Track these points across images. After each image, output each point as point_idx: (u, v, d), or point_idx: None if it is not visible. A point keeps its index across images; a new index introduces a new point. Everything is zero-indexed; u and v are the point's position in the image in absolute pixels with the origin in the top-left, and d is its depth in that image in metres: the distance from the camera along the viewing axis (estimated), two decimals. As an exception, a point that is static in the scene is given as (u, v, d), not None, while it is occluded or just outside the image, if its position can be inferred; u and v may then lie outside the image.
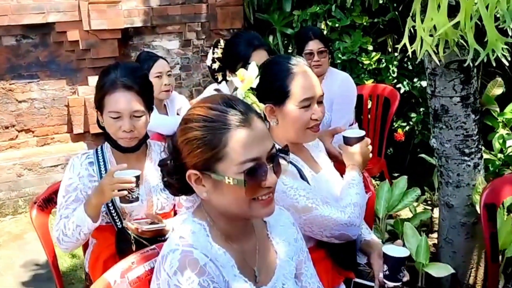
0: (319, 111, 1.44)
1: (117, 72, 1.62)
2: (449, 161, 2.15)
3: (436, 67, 2.01)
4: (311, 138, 1.49)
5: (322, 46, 2.80)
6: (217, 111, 0.99)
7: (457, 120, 2.05)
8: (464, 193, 2.17)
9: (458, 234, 2.25)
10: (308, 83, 1.44)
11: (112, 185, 1.48)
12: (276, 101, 1.44)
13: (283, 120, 1.45)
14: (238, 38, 2.20)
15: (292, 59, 1.48)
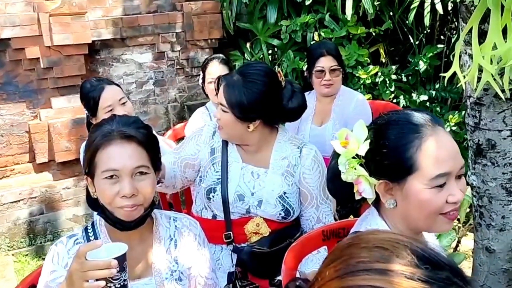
0: (459, 191, 1.00)
1: (112, 123, 1.22)
2: (492, 201, 1.86)
3: (483, 96, 1.72)
4: (446, 227, 1.04)
5: (336, 63, 2.47)
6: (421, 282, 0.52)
7: (505, 156, 1.77)
8: (509, 237, 1.89)
9: (499, 281, 1.98)
10: (443, 153, 1.00)
11: (84, 274, 1.02)
12: (394, 176, 1.03)
13: (404, 201, 1.02)
14: None
15: (420, 116, 1.03)
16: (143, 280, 1.24)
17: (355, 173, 1.06)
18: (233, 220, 1.62)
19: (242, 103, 1.53)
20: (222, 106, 1.58)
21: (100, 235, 1.25)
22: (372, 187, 1.07)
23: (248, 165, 1.63)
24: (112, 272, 1.02)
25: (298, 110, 1.60)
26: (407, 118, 1.04)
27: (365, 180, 1.06)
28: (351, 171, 1.06)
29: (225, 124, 1.59)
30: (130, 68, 3.84)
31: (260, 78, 1.53)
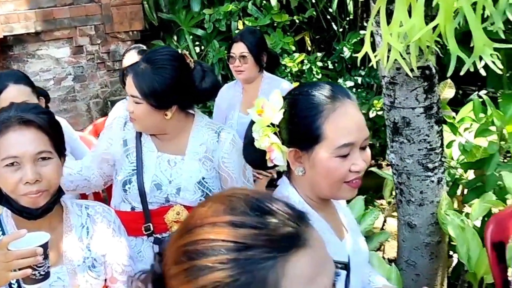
0: (362, 161, 1.04)
1: (10, 111, 1.16)
2: (411, 178, 1.91)
3: (396, 76, 1.75)
4: (349, 194, 1.08)
5: (246, 50, 2.45)
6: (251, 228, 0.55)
7: (420, 133, 1.82)
8: (428, 211, 1.95)
9: (422, 255, 2.04)
10: (349, 124, 1.03)
11: (8, 264, 1.03)
12: (303, 145, 1.06)
13: (311, 169, 1.05)
14: None
15: (330, 89, 1.06)
16: (54, 269, 1.18)
17: (268, 140, 1.07)
18: (152, 210, 1.57)
19: (156, 91, 1.47)
20: (134, 98, 1.51)
21: (6, 227, 1.19)
22: (283, 155, 1.08)
23: (164, 154, 1.58)
24: (38, 259, 1.04)
25: (212, 90, 1.57)
26: (318, 90, 1.06)
27: (277, 148, 1.08)
28: (264, 138, 1.07)
29: (140, 116, 1.53)
30: (47, 64, 3.63)
31: (169, 62, 1.47)
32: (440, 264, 2.06)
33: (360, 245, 1.17)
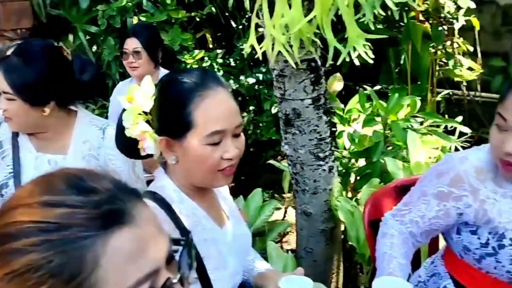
0: (234, 148, 1.04)
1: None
2: (304, 167, 1.97)
3: (284, 68, 1.79)
4: (223, 182, 1.08)
5: (139, 46, 2.40)
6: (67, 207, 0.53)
7: (310, 123, 1.88)
8: (321, 199, 2.02)
9: (318, 242, 2.11)
10: (219, 112, 1.02)
11: None
12: (174, 133, 1.04)
13: (184, 158, 1.04)
14: None
15: (201, 76, 1.05)
16: None
17: (138, 129, 1.05)
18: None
19: (29, 85, 1.37)
20: (6, 95, 1.40)
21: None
22: (156, 144, 1.07)
23: (44, 154, 1.48)
24: None
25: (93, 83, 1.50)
26: (189, 77, 1.05)
27: (149, 136, 1.06)
28: (135, 127, 1.05)
29: (14, 114, 1.42)
30: None
31: (42, 54, 1.39)
32: (335, 249, 2.15)
33: (241, 230, 1.18)
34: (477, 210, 1.14)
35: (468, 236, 1.17)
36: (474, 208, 1.14)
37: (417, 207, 1.23)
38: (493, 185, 1.14)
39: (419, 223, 1.22)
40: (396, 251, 1.21)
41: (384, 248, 1.23)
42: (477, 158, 1.17)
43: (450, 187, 1.16)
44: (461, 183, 1.15)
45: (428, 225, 1.21)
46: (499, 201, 1.13)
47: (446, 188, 1.17)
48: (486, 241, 1.13)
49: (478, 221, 1.14)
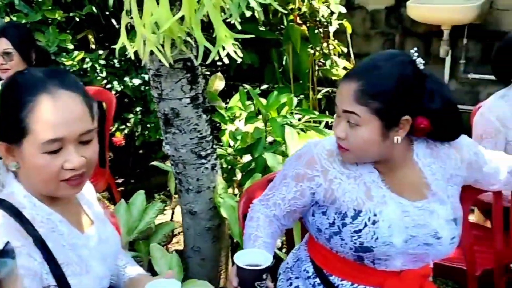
0: (78, 157, 0.96)
1: None
2: (186, 167, 1.98)
3: (160, 68, 1.79)
4: (68, 192, 1.01)
5: (10, 47, 2.26)
6: None
7: (189, 123, 1.89)
8: (205, 197, 2.05)
9: (205, 240, 2.14)
10: (57, 117, 0.94)
11: None
12: (11, 138, 0.97)
13: (24, 165, 0.98)
14: None
15: (42, 77, 0.97)
16: None
17: None
18: None
19: None
20: None
21: None
22: None
23: None
24: None
25: None
26: (29, 78, 0.99)
27: None
28: None
29: None
30: None
31: None
32: (222, 246, 2.19)
33: (108, 234, 1.16)
34: (326, 189, 1.23)
35: (320, 217, 1.26)
36: (324, 187, 1.23)
37: (279, 190, 1.30)
38: (340, 167, 1.24)
39: (280, 205, 1.29)
40: (262, 231, 1.27)
41: (250, 230, 1.29)
42: (330, 143, 1.25)
43: (306, 168, 1.24)
44: (314, 164, 1.23)
45: (288, 206, 1.28)
46: (344, 181, 1.22)
47: (302, 169, 1.25)
48: (333, 220, 1.22)
49: (326, 201, 1.23)
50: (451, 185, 1.28)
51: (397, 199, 1.22)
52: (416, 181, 1.25)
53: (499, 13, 3.33)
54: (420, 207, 1.22)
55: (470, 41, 3.47)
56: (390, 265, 1.22)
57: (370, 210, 1.20)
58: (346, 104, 1.15)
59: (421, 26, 3.61)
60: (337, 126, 1.19)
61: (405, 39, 3.78)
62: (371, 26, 3.87)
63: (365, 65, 1.19)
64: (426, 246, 1.21)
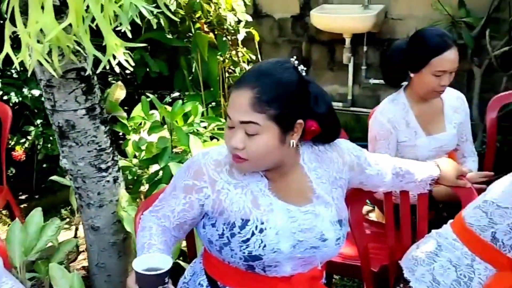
0: None
1: None
2: (86, 181, 1.91)
3: (51, 78, 1.71)
4: None
5: None
6: None
7: (87, 135, 1.82)
8: (108, 211, 1.98)
9: (110, 256, 2.07)
10: None
11: None
12: None
13: None
14: None
15: None
16: None
17: None
18: None
19: None
20: None
21: None
22: None
23: None
24: None
25: None
26: None
27: None
28: None
29: None
30: None
31: None
32: (129, 260, 2.12)
33: None
34: (214, 200, 1.23)
35: (210, 229, 1.25)
36: (212, 198, 1.23)
37: (169, 202, 1.28)
38: (228, 177, 1.24)
39: (170, 217, 1.27)
40: (156, 239, 1.25)
41: (143, 239, 1.26)
42: (218, 153, 1.26)
43: (194, 179, 1.24)
44: (202, 175, 1.23)
45: (178, 218, 1.27)
46: (231, 191, 1.23)
47: (190, 180, 1.24)
48: (222, 231, 1.22)
49: (215, 212, 1.23)
50: (336, 187, 1.33)
51: (284, 205, 1.24)
52: (302, 185, 1.28)
53: (393, 22, 3.56)
54: (306, 211, 1.26)
55: (370, 48, 3.67)
56: (280, 271, 1.24)
57: (257, 218, 1.21)
58: (242, 114, 1.15)
59: (325, 34, 3.77)
60: (233, 137, 1.17)
61: (311, 47, 3.92)
62: (279, 34, 3.97)
63: (255, 73, 1.21)
64: (313, 249, 1.25)
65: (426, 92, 1.94)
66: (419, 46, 1.91)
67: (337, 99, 3.93)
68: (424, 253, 1.40)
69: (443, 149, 2.05)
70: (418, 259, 1.40)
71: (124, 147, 2.24)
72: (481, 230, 1.32)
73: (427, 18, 3.35)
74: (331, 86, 3.94)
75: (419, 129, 2.00)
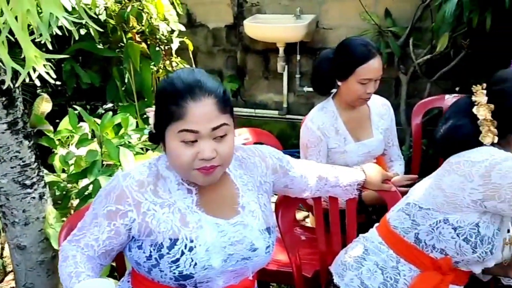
0: None
1: None
2: (10, 198, 1.81)
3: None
4: None
5: None
6: None
7: (9, 150, 1.74)
8: (35, 229, 1.89)
9: (39, 275, 1.97)
10: None
11: None
12: None
13: None
14: None
15: None
16: None
17: None
18: None
19: None
20: None
21: None
22: None
23: None
24: None
25: None
26: None
27: None
28: None
29: None
30: None
31: None
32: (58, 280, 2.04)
33: None
34: (140, 223, 1.19)
35: (136, 251, 1.21)
36: (138, 222, 1.18)
37: (91, 230, 1.22)
38: (153, 197, 1.20)
39: (94, 246, 1.21)
40: (83, 267, 1.19)
41: (69, 269, 1.19)
42: (139, 173, 1.22)
43: (117, 204, 1.18)
44: (125, 198, 1.18)
45: (103, 246, 1.21)
46: (158, 211, 1.19)
47: (113, 206, 1.18)
48: (150, 253, 1.18)
49: (142, 235, 1.19)
50: (262, 193, 1.35)
51: (212, 220, 1.23)
52: (229, 196, 1.29)
53: (325, 32, 3.67)
54: (234, 223, 1.26)
55: (303, 57, 3.76)
56: (212, 285, 1.23)
57: (186, 237, 1.18)
58: (213, 121, 1.13)
59: (259, 44, 3.82)
60: (204, 149, 1.13)
61: (246, 56, 3.96)
62: (214, 43, 3.99)
63: (197, 82, 1.15)
64: (244, 261, 1.25)
65: (353, 99, 2.02)
66: (345, 55, 1.98)
67: (273, 107, 3.99)
68: (352, 258, 1.44)
69: (371, 154, 2.13)
70: (347, 264, 1.44)
71: (51, 162, 2.15)
72: (405, 232, 1.37)
73: (356, 27, 3.48)
74: (267, 95, 4.00)
75: (348, 135, 2.07)
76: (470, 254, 1.30)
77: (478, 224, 1.28)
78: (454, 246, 1.31)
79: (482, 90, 1.33)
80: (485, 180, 1.23)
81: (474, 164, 1.26)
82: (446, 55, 3.11)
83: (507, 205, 1.22)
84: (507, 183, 1.21)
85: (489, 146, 1.31)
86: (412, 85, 3.42)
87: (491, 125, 1.30)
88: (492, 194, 1.23)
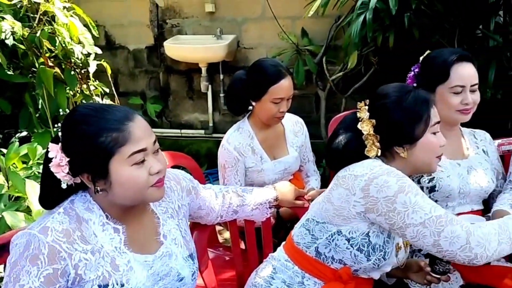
0: None
1: None
2: None
3: None
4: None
5: None
6: None
7: None
8: None
9: None
10: None
11: None
12: None
13: None
14: None
15: None
16: None
17: None
18: None
19: None
20: None
21: None
22: None
23: None
24: None
25: None
26: None
27: None
28: None
29: None
30: None
31: None
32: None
33: None
34: (74, 277, 1.11)
35: None
36: (72, 276, 1.10)
37: None
38: (82, 244, 1.12)
39: None
40: None
41: None
42: (58, 223, 1.11)
43: (52, 264, 1.07)
44: (57, 253, 1.08)
45: None
46: (90, 260, 1.12)
47: (49, 268, 1.07)
48: None
49: (72, 283, 1.11)
50: (181, 218, 1.34)
51: (141, 258, 1.20)
52: (152, 227, 1.26)
53: (246, 51, 3.72)
54: (161, 255, 1.24)
55: (226, 76, 3.79)
56: None
57: (117, 281, 1.13)
58: (151, 135, 1.17)
59: (182, 64, 3.81)
60: (153, 164, 1.15)
61: (169, 76, 3.93)
62: (135, 65, 3.92)
63: (122, 107, 1.19)
64: None
65: (268, 118, 2.05)
66: (257, 76, 2.02)
67: (199, 127, 3.98)
68: (262, 278, 1.44)
69: (287, 171, 2.17)
70: (257, 285, 1.44)
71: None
72: (306, 247, 1.40)
73: (275, 46, 3.57)
74: (192, 115, 3.98)
75: (264, 154, 2.10)
76: (365, 262, 1.34)
77: (369, 234, 1.32)
78: (350, 256, 1.34)
79: (365, 106, 1.40)
80: (365, 193, 1.28)
81: (356, 178, 1.31)
82: (358, 72, 3.25)
83: (383, 219, 1.28)
84: (382, 197, 1.26)
85: (373, 159, 1.36)
86: (331, 100, 3.53)
87: (375, 140, 1.36)
88: (372, 207, 1.28)
